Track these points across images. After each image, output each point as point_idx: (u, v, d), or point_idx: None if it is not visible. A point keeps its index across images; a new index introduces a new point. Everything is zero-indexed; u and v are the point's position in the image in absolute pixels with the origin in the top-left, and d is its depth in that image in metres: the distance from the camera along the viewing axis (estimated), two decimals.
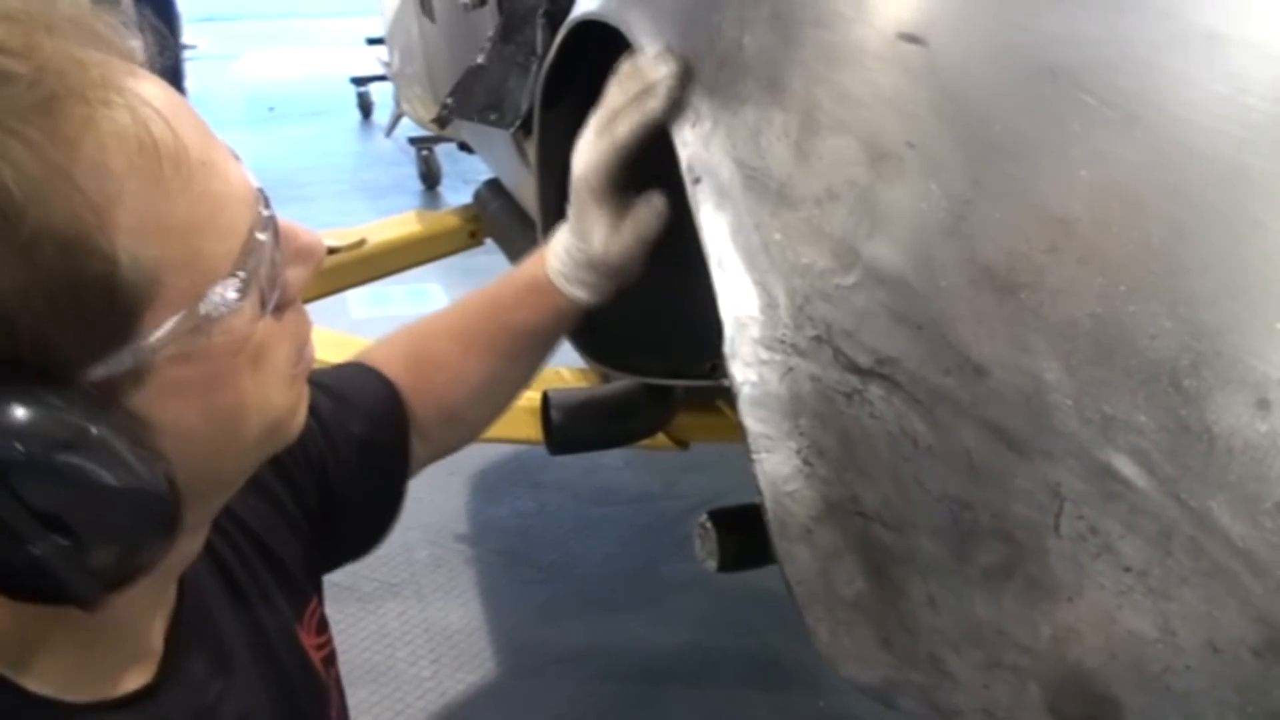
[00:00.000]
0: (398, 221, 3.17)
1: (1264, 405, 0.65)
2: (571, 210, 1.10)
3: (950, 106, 0.77)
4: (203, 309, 0.66)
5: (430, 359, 1.12)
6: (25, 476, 0.60)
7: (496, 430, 2.33)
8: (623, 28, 1.14)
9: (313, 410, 1.02)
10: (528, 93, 2.19)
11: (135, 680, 0.78)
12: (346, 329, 3.95)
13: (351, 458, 1.06)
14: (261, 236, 0.69)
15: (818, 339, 0.87)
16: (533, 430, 2.15)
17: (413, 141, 6.49)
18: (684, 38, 1.02)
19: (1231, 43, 0.67)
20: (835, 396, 0.87)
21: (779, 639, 2.96)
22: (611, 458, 3.80)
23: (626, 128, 1.02)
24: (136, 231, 0.63)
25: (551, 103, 1.54)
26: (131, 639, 0.78)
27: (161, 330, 0.65)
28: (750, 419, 0.92)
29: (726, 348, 0.93)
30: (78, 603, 0.65)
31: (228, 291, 0.67)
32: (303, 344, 0.77)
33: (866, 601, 0.91)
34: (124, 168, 0.63)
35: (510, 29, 2.27)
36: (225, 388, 0.70)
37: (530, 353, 1.15)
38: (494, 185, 2.99)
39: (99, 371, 0.64)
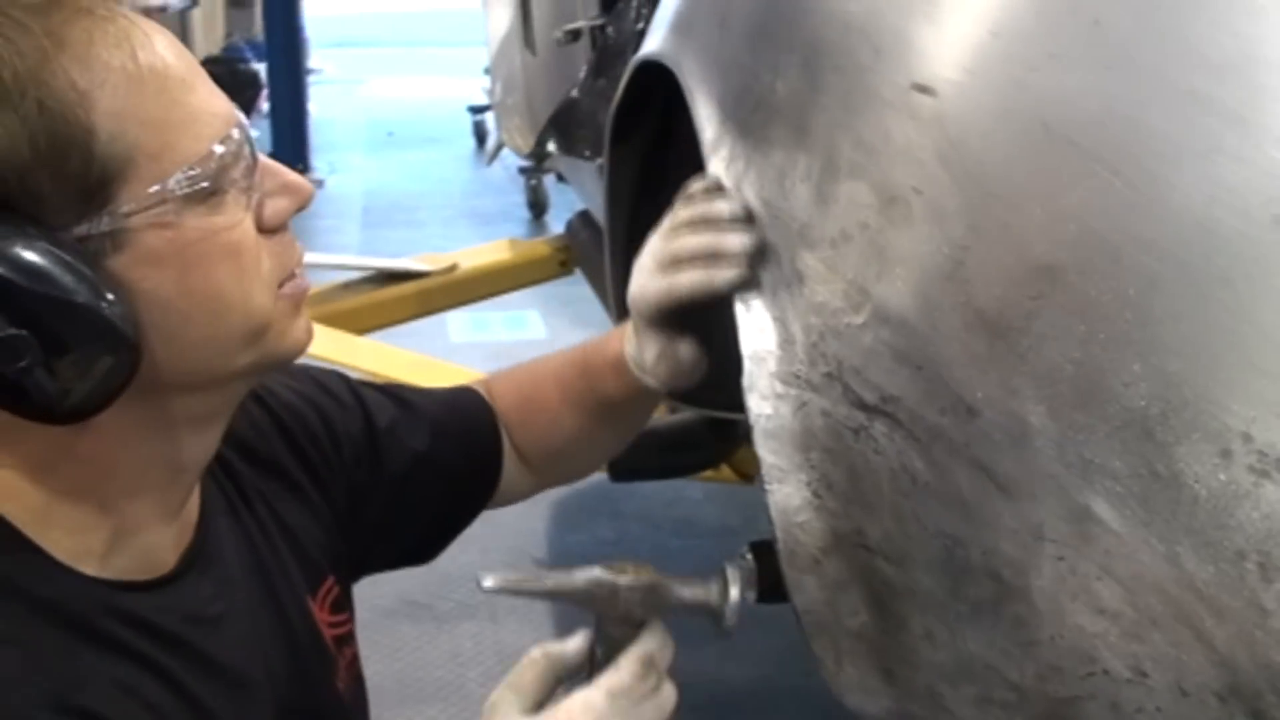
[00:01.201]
0: (490, 249, 3.25)
1: (1226, 455, 0.66)
2: (632, 317, 1.10)
3: (953, 154, 0.80)
4: (169, 187, 0.78)
5: (536, 399, 1.19)
6: (11, 289, 0.74)
7: None
8: (676, 70, 1.18)
9: (368, 413, 1.09)
10: None
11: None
12: (444, 352, 4.05)
13: (401, 466, 1.12)
14: (220, 149, 0.81)
15: (829, 375, 0.90)
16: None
17: (522, 171, 6.62)
18: (725, 80, 1.07)
19: (1208, 105, 0.69)
20: (844, 431, 0.90)
21: (775, 667, 2.95)
22: (693, 490, 3.83)
23: (687, 288, 1.02)
24: (114, 115, 0.77)
25: (621, 138, 1.59)
26: (141, 538, 0.86)
27: (133, 203, 0.77)
28: (765, 450, 0.95)
29: (745, 380, 0.96)
30: (52, 414, 0.76)
31: (195, 182, 0.79)
32: (289, 265, 0.87)
33: (870, 633, 0.94)
34: (110, 64, 0.77)
35: (603, 64, 2.34)
36: (200, 270, 0.81)
37: (616, 422, 1.19)
38: (585, 216, 3.06)
39: (82, 228, 0.77)
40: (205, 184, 0.80)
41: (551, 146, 2.50)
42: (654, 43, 1.32)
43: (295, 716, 0.95)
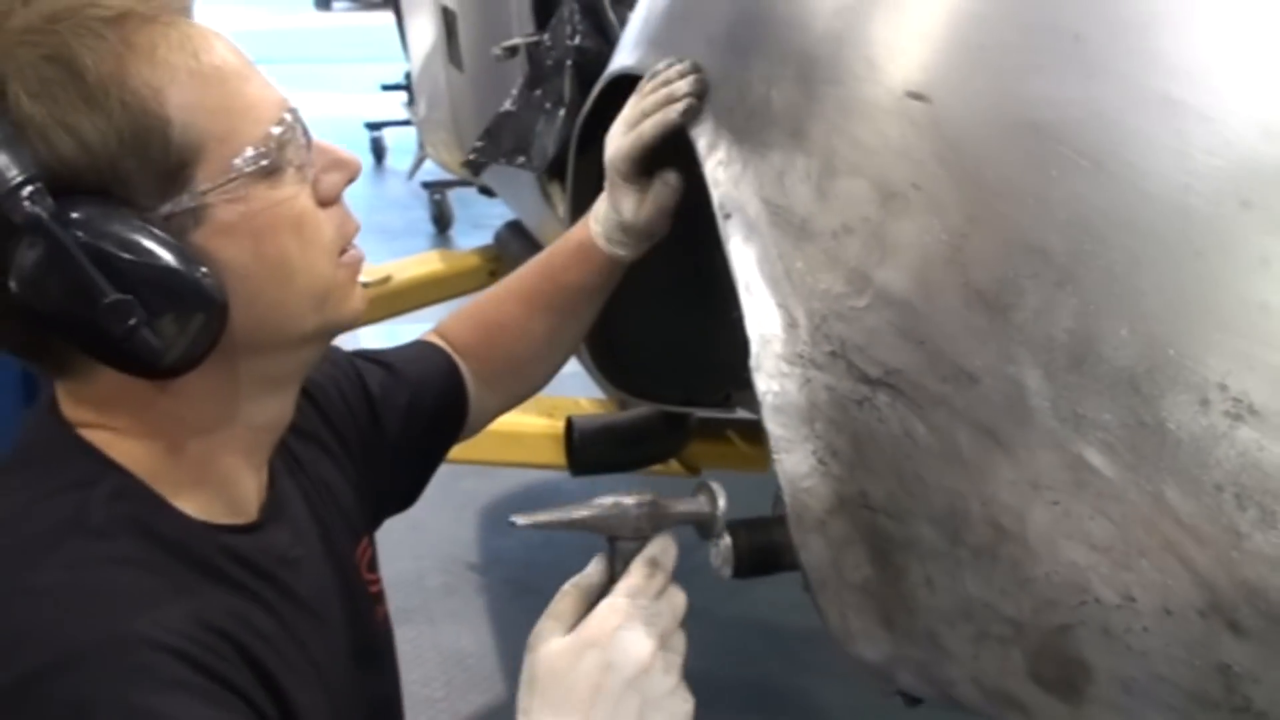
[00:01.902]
0: (421, 260, 3.32)
1: (1205, 403, 0.78)
2: (606, 186, 1.30)
3: (950, 154, 0.92)
4: (236, 166, 0.89)
5: (497, 321, 1.35)
6: (116, 262, 0.84)
7: (519, 456, 2.48)
8: None
9: (364, 381, 1.20)
10: (554, 137, 2.34)
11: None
12: None
13: (396, 424, 1.26)
14: (276, 130, 0.92)
15: (833, 354, 1.01)
16: (553, 456, 2.29)
17: (426, 186, 6.65)
18: (717, 91, 1.17)
19: (1179, 105, 0.81)
20: (847, 404, 1.01)
21: (779, 669, 3.07)
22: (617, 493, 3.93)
23: (651, 128, 1.22)
24: (185, 108, 0.88)
25: (584, 149, 1.68)
26: (233, 489, 0.98)
27: (208, 182, 0.88)
28: (772, 424, 1.05)
29: (752, 362, 1.06)
30: (155, 369, 0.87)
31: (258, 160, 0.90)
32: (347, 235, 0.98)
33: (872, 586, 1.04)
34: (176, 65, 0.88)
35: (538, 77, 2.42)
36: (270, 239, 0.91)
37: (584, 308, 1.37)
38: (514, 227, 3.14)
39: (166, 207, 0.87)
40: (266, 162, 0.91)
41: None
42: (631, 57, 1.42)
43: (357, 658, 1.04)
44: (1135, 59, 0.85)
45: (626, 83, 1.45)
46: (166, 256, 0.86)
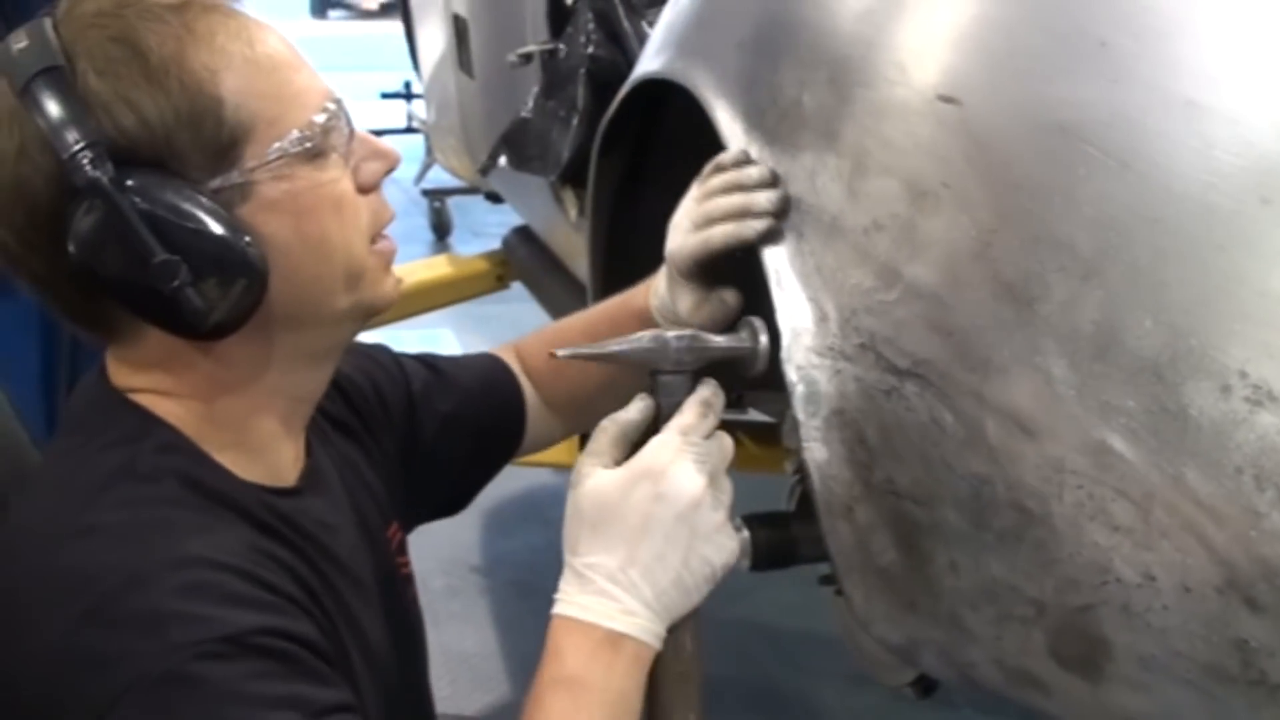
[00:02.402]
0: (429, 264, 3.36)
1: (1226, 390, 0.83)
2: (666, 270, 1.25)
3: (979, 154, 0.96)
4: (284, 147, 0.95)
5: None
6: (167, 226, 0.90)
7: (532, 456, 2.51)
8: (689, 86, 1.32)
9: (408, 380, 1.24)
10: (568, 144, 2.38)
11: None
12: None
13: (433, 426, 1.29)
14: (319, 119, 0.97)
15: (862, 346, 1.05)
16: (565, 455, 2.32)
17: (425, 193, 6.69)
18: (748, 94, 1.21)
19: (1202, 108, 0.86)
20: (876, 394, 1.05)
21: (777, 669, 3.11)
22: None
23: (721, 239, 1.15)
24: (238, 91, 0.94)
25: (606, 151, 1.73)
26: (272, 454, 1.03)
27: (256, 160, 0.94)
28: (802, 414, 1.09)
29: (783, 354, 1.11)
30: (198, 328, 0.92)
31: (304, 143, 0.96)
32: (382, 223, 1.04)
33: (897, 570, 1.08)
34: (232, 51, 0.95)
35: (553, 85, 2.46)
36: (310, 217, 0.97)
37: None
38: (522, 232, 3.18)
39: (216, 181, 0.93)
40: (310, 144, 0.96)
41: (503, 162, 2.61)
42: (657, 62, 1.46)
43: (394, 631, 1.08)
44: (1159, 64, 0.89)
45: (651, 87, 1.50)
46: (213, 224, 0.91)
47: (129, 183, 0.89)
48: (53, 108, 0.89)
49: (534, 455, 2.45)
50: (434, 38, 3.60)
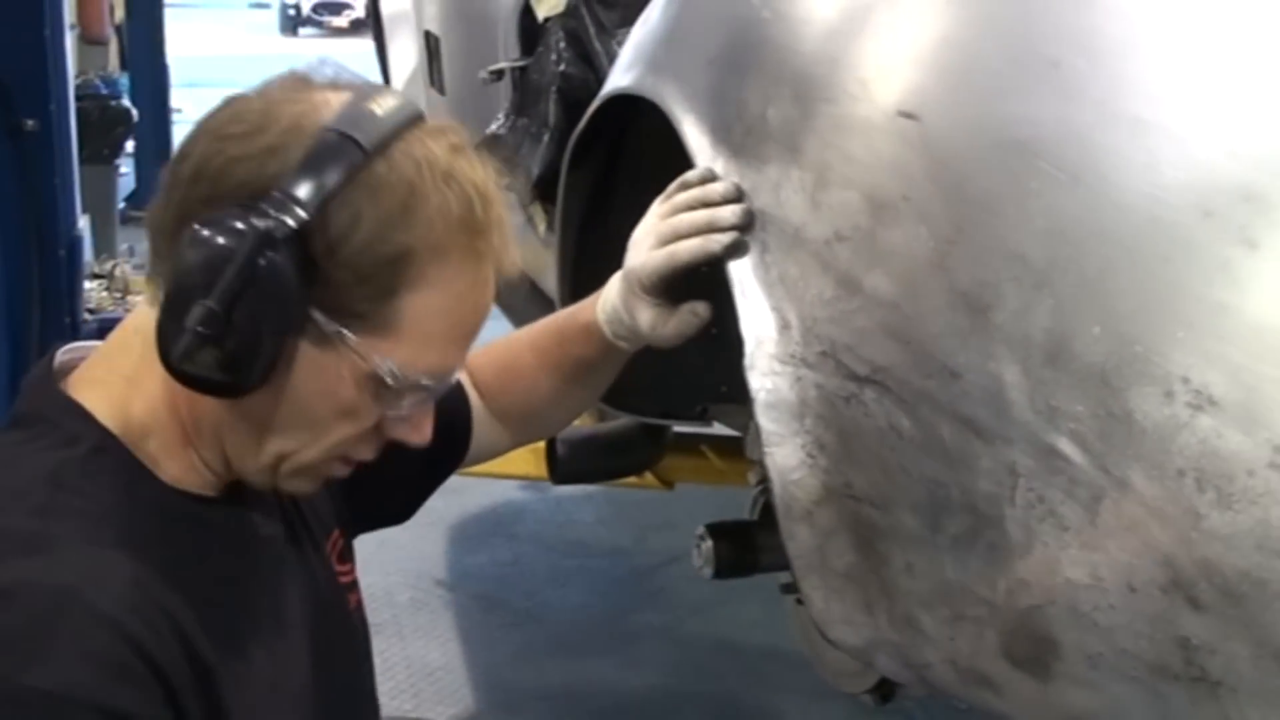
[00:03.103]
0: None
1: (1169, 395, 0.86)
2: (623, 288, 1.23)
3: (937, 168, 0.99)
4: (377, 367, 0.93)
5: (514, 367, 1.35)
6: (251, 293, 0.88)
7: (498, 467, 2.53)
8: (658, 101, 1.35)
9: None
10: (538, 161, 2.40)
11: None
12: None
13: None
14: (428, 383, 0.96)
15: (823, 353, 1.08)
16: (532, 467, 2.34)
17: None
18: (715, 109, 1.24)
19: (1148, 125, 0.89)
20: (836, 400, 1.08)
21: (741, 684, 3.13)
22: (584, 513, 3.99)
23: (687, 254, 1.16)
24: (417, 309, 0.93)
25: (575, 166, 1.75)
26: (211, 460, 1.00)
27: (360, 342, 0.92)
28: (764, 419, 1.12)
29: (746, 361, 1.13)
30: (168, 363, 0.90)
31: (393, 378, 0.94)
32: (358, 457, 1.02)
33: (855, 572, 1.11)
34: (455, 287, 0.95)
35: (524, 102, 2.49)
36: (326, 404, 0.95)
37: (589, 379, 1.34)
38: None
39: (317, 313, 0.91)
40: (389, 385, 0.94)
41: None
42: (627, 78, 1.49)
43: (321, 636, 1.09)
44: (1109, 83, 0.93)
45: (621, 103, 1.53)
46: (272, 334, 0.89)
47: (272, 253, 0.87)
48: (323, 164, 0.89)
49: (500, 468, 2.47)
50: (406, 54, 3.62)
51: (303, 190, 0.88)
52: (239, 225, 0.88)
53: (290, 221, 0.88)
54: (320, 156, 0.89)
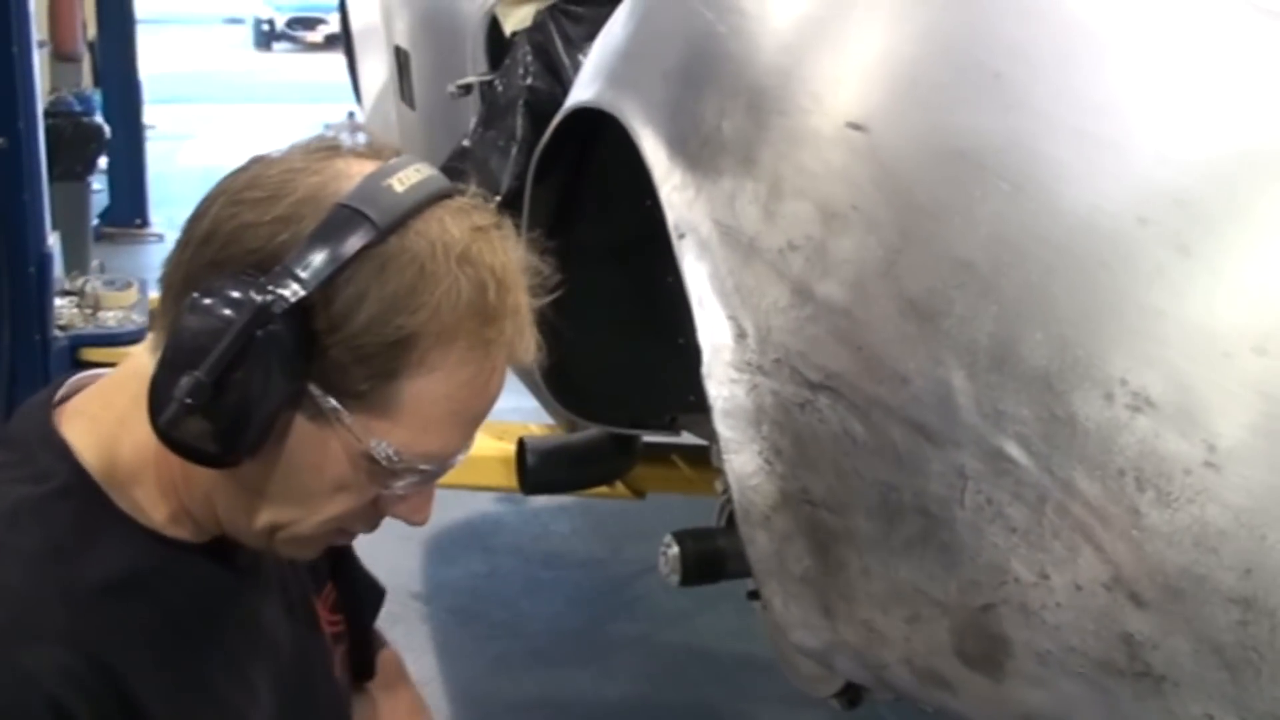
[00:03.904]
0: None
1: (1109, 397, 0.88)
2: None
3: (885, 178, 1.02)
4: (373, 450, 0.89)
5: None
6: (244, 368, 0.86)
7: (468, 478, 2.54)
8: (617, 114, 1.37)
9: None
10: (507, 173, 2.42)
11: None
12: None
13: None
14: (427, 468, 0.92)
15: (778, 361, 1.10)
16: (503, 479, 2.36)
17: None
18: (672, 122, 1.26)
19: (1087, 135, 0.92)
20: (791, 407, 1.10)
21: (717, 693, 3.14)
22: (559, 524, 4.00)
23: None
24: (421, 396, 0.89)
25: (540, 179, 1.78)
26: (197, 524, 0.98)
27: (356, 422, 0.89)
28: (722, 427, 1.14)
29: (704, 369, 1.16)
30: (157, 428, 0.88)
31: (389, 460, 0.90)
32: (352, 532, 0.99)
33: (812, 576, 1.13)
34: (460, 375, 0.90)
35: (492, 116, 2.51)
36: (320, 477, 0.92)
37: None
38: None
39: (314, 388, 0.88)
40: (387, 464, 0.90)
41: None
42: (588, 92, 1.51)
43: (292, 696, 1.08)
44: (1049, 94, 0.95)
45: (584, 116, 1.55)
46: (265, 408, 0.87)
47: (270, 326, 0.85)
48: (333, 242, 0.86)
49: (470, 479, 2.48)
50: (376, 70, 3.64)
51: (309, 264, 0.86)
52: (238, 296, 0.86)
53: (292, 295, 0.85)
54: (330, 231, 0.86)
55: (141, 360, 0.95)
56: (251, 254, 0.87)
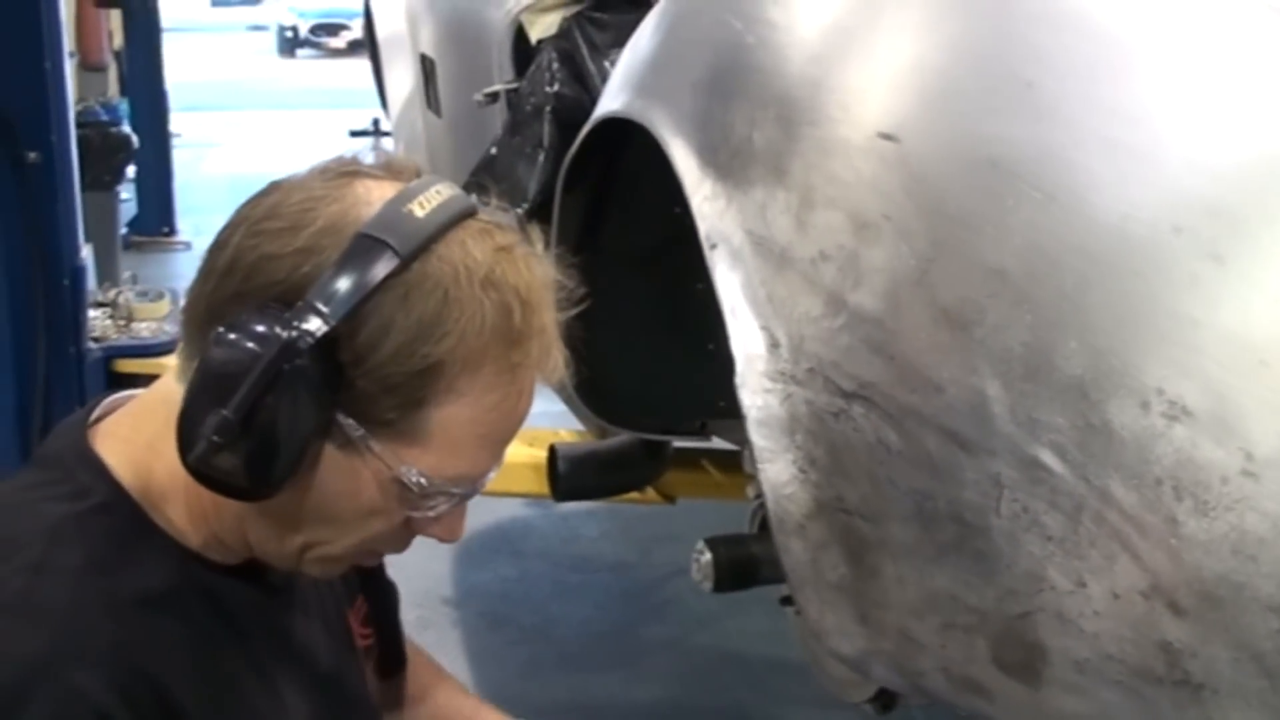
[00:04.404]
0: None
1: (1145, 406, 0.88)
2: None
3: (917, 187, 1.02)
4: (405, 477, 0.90)
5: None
6: (272, 402, 0.86)
7: (502, 485, 2.55)
8: (647, 124, 1.38)
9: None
10: (534, 180, 2.43)
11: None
12: None
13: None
14: (457, 491, 0.93)
15: (811, 370, 1.11)
16: (534, 485, 2.37)
17: None
18: (702, 132, 1.27)
19: (1119, 145, 0.92)
20: (825, 416, 1.10)
21: (749, 696, 3.15)
22: (588, 528, 4.01)
23: None
24: (449, 420, 0.89)
25: (570, 187, 1.78)
26: (229, 532, 0.98)
27: (383, 449, 0.89)
28: (756, 436, 1.15)
29: (738, 379, 1.16)
30: (187, 463, 0.89)
31: (419, 486, 0.91)
32: (386, 551, 1.01)
33: (848, 583, 1.13)
34: (486, 400, 0.90)
35: (518, 123, 2.52)
36: (351, 502, 0.93)
37: None
38: None
39: (343, 416, 0.88)
40: (417, 490, 0.91)
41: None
42: (617, 102, 1.52)
43: (331, 706, 1.09)
44: (1081, 104, 0.96)
45: (612, 125, 1.56)
46: (294, 442, 0.87)
47: (297, 360, 0.85)
48: (355, 271, 0.86)
49: (502, 486, 2.49)
50: (402, 78, 3.65)
51: (333, 296, 0.86)
52: (264, 331, 0.86)
53: (317, 330, 0.85)
54: (353, 261, 0.86)
55: (169, 386, 0.96)
56: (275, 285, 0.87)
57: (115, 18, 7.16)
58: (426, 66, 3.33)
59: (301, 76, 17.90)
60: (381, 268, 0.86)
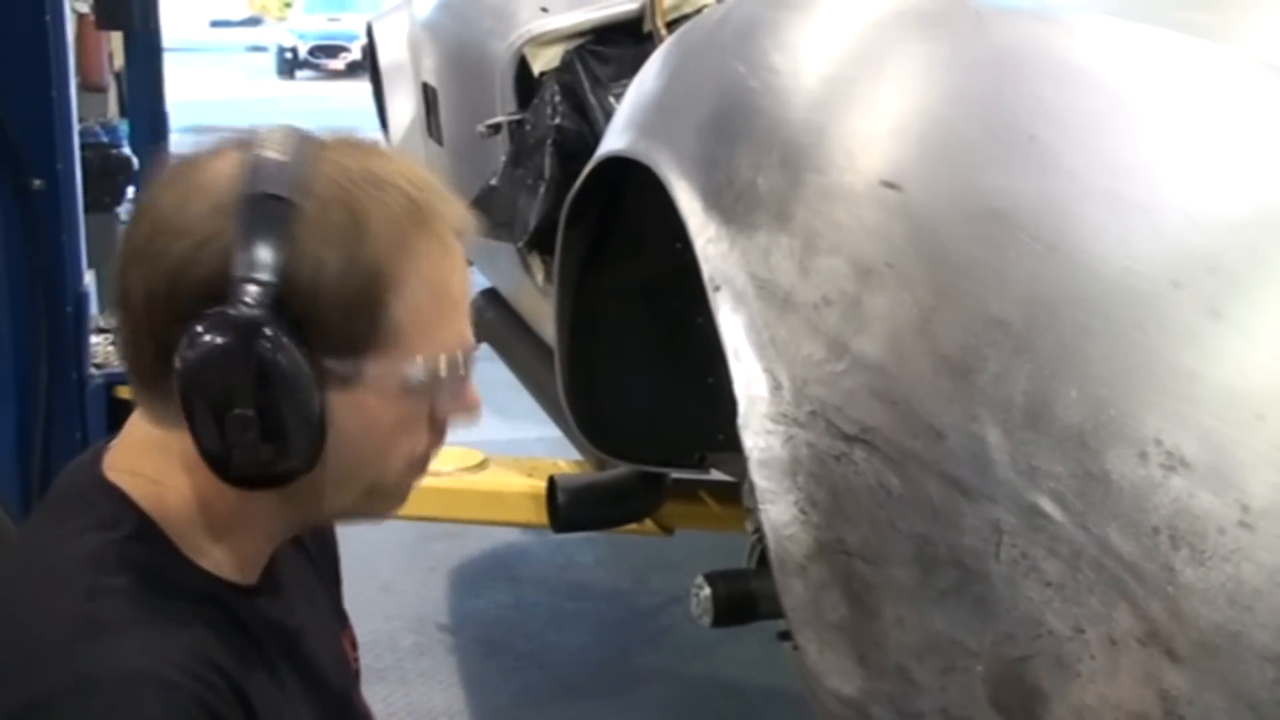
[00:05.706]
0: None
1: (1143, 456, 0.90)
2: None
3: (919, 236, 1.04)
4: (409, 377, 0.95)
5: None
6: (270, 383, 0.89)
7: (501, 515, 2.56)
8: (652, 165, 1.40)
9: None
10: (535, 212, 2.45)
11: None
12: None
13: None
14: (448, 367, 0.97)
15: (813, 413, 1.12)
16: (533, 515, 2.38)
17: None
18: (706, 175, 1.29)
19: (1120, 197, 0.94)
20: (827, 458, 1.11)
21: None
22: (584, 555, 4.02)
23: None
24: (407, 306, 0.94)
25: (573, 223, 1.80)
26: (244, 554, 1.01)
27: (378, 369, 0.94)
28: (758, 477, 1.16)
29: (740, 420, 1.17)
30: (225, 474, 0.92)
31: (424, 375, 0.96)
32: (430, 456, 1.03)
33: (848, 624, 1.14)
34: (424, 274, 0.95)
35: (520, 154, 2.54)
36: (383, 433, 0.97)
37: None
38: (490, 294, 3.25)
39: (332, 363, 0.92)
40: (425, 378, 0.96)
41: None
42: (620, 141, 1.54)
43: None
44: (1082, 157, 0.97)
45: (616, 163, 1.58)
46: (309, 407, 0.91)
47: (267, 334, 0.89)
48: (261, 231, 0.90)
49: (501, 516, 2.51)
50: (404, 105, 3.68)
51: (257, 264, 0.90)
52: (221, 327, 0.89)
53: (265, 300, 0.89)
54: (254, 225, 0.90)
55: (145, 429, 0.99)
56: (200, 287, 0.91)
57: (116, 39, 7.19)
58: (428, 95, 3.35)
59: (301, 98, 17.95)
60: (281, 215, 0.90)
